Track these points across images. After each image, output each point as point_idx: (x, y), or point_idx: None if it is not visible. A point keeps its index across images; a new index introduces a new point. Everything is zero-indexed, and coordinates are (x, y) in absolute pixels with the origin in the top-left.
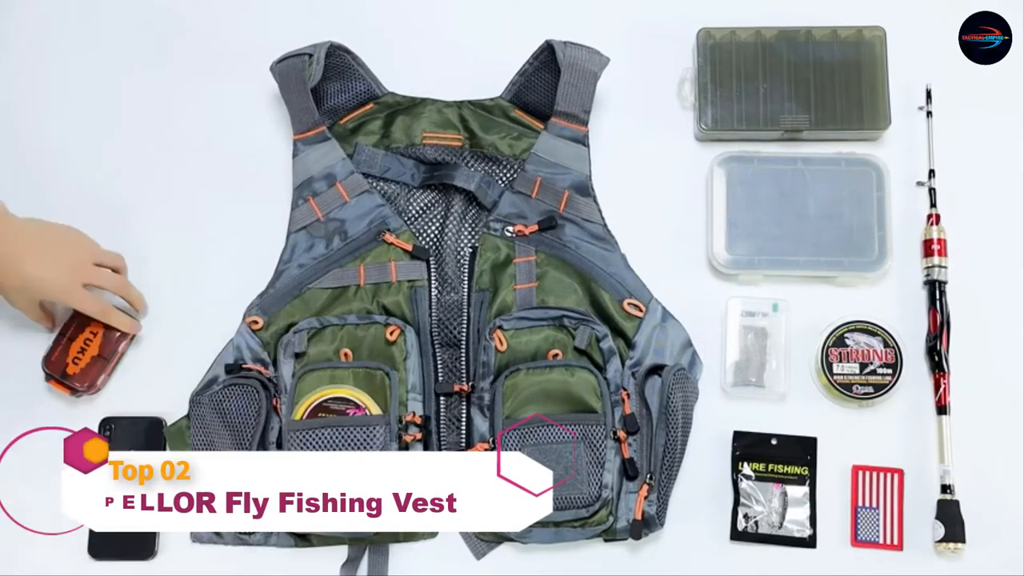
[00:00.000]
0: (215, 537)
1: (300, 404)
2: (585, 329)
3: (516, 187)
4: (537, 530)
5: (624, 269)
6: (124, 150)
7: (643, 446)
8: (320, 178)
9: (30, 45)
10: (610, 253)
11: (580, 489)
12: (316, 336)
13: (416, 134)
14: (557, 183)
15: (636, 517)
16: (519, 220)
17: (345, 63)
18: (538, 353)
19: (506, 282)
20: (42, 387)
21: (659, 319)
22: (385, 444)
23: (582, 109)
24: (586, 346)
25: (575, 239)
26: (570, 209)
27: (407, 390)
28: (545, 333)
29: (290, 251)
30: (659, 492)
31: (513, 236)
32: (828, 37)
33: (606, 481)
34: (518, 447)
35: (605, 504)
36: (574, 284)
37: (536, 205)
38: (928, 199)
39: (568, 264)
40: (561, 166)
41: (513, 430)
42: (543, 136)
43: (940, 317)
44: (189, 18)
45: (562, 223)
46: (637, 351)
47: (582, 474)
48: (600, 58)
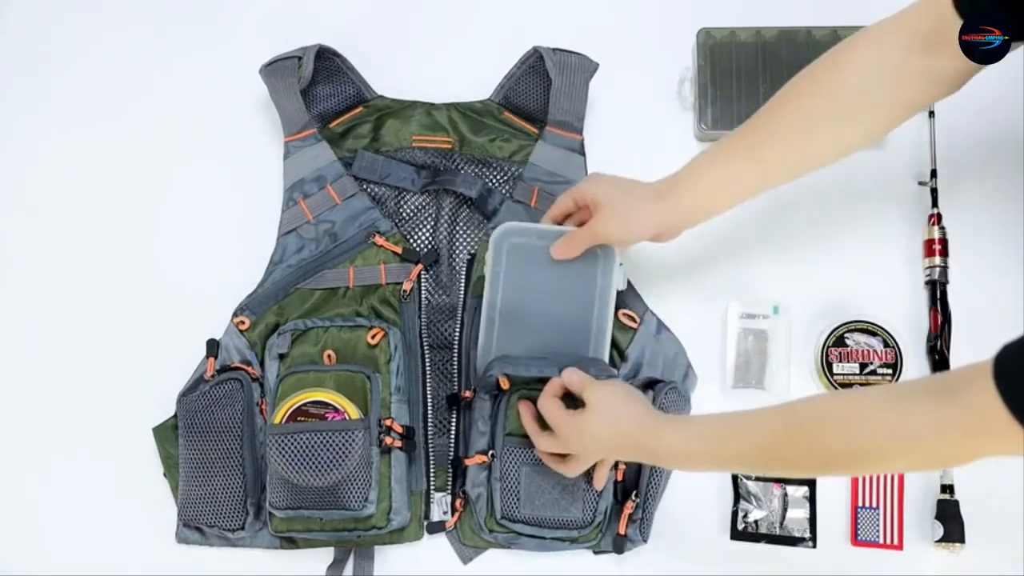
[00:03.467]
0: (200, 538)
1: (280, 407)
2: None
3: (516, 196)
4: (525, 539)
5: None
6: (116, 152)
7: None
8: (311, 180)
9: (23, 48)
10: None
11: (574, 513)
12: (300, 338)
13: (406, 137)
14: (555, 192)
15: (620, 532)
16: None
17: (334, 66)
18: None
19: None
20: None
21: (654, 331)
22: (365, 449)
23: (576, 117)
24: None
25: None
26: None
27: (390, 393)
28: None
29: (280, 252)
30: (644, 509)
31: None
32: (828, 37)
33: (601, 507)
34: (518, 465)
35: (598, 527)
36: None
37: (535, 214)
38: (929, 199)
39: None
40: (558, 175)
41: (516, 448)
42: (540, 145)
43: (940, 317)
44: (179, 21)
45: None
46: (630, 363)
47: (578, 498)
48: (590, 63)
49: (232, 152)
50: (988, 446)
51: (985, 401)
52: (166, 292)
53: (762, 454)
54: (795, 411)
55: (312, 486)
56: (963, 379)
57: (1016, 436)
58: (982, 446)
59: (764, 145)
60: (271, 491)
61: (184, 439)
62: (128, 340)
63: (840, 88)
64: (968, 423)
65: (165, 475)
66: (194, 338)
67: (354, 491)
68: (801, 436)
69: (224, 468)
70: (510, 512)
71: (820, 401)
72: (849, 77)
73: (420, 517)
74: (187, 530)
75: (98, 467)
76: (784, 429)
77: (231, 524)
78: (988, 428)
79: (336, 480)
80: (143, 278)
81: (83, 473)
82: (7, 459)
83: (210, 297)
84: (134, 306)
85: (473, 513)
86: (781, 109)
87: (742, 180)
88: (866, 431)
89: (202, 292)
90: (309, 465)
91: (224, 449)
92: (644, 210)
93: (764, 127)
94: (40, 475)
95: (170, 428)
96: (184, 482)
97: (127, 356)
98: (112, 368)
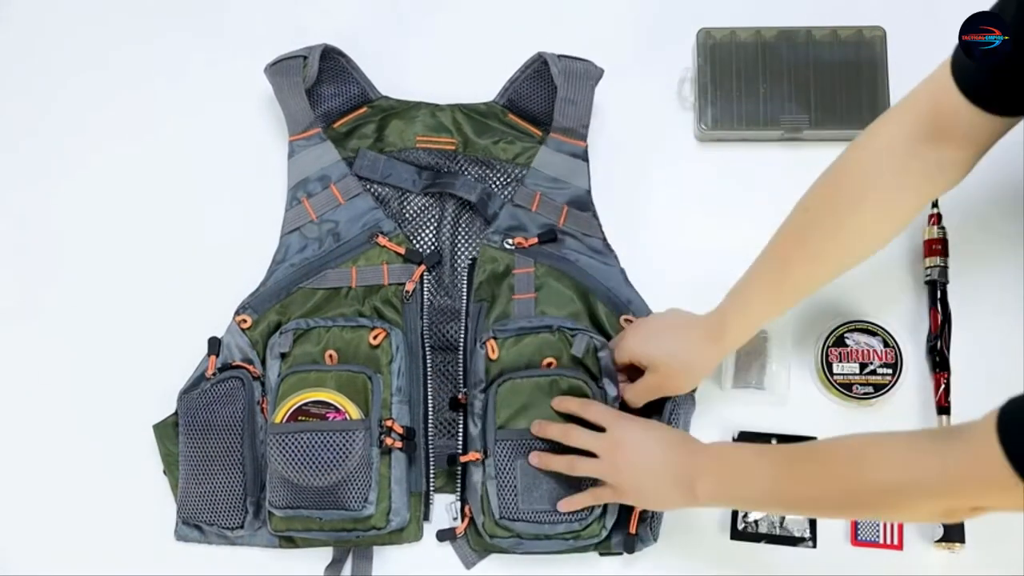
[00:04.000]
0: (199, 536)
1: (281, 407)
2: (583, 337)
3: (516, 200)
4: (528, 542)
5: (623, 284)
6: (120, 150)
7: None
8: (315, 179)
9: (24, 45)
10: (609, 268)
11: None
12: (302, 337)
13: (410, 138)
14: (556, 198)
15: (631, 531)
16: (519, 232)
17: (339, 66)
18: (531, 363)
19: (504, 292)
20: None
21: None
22: (365, 449)
23: (580, 124)
24: (583, 355)
25: (575, 252)
26: (570, 223)
27: (391, 394)
28: (540, 341)
29: (283, 251)
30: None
31: (513, 248)
32: (828, 37)
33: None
34: (512, 458)
35: (597, 519)
36: (572, 296)
37: (536, 218)
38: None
39: (567, 276)
40: (560, 181)
41: (507, 441)
42: (542, 151)
43: (940, 317)
44: (183, 20)
45: (562, 236)
46: None
47: (575, 486)
48: (595, 70)
49: (236, 150)
50: (990, 499)
51: (988, 453)
52: (168, 289)
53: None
54: (816, 450)
55: (312, 486)
56: (970, 430)
57: (1017, 491)
58: (984, 498)
59: (795, 273)
60: (271, 490)
61: (184, 437)
62: (130, 337)
63: (854, 203)
64: (970, 474)
65: (165, 472)
66: (196, 336)
67: (354, 491)
68: (817, 472)
69: (224, 466)
70: (509, 510)
71: (840, 441)
72: (863, 192)
73: (419, 518)
74: (186, 528)
75: (98, 463)
76: (800, 467)
77: (230, 522)
78: (990, 480)
79: (336, 480)
80: (146, 275)
81: (83, 469)
82: (7, 454)
83: (212, 295)
84: (136, 303)
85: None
86: (803, 234)
87: (783, 304)
88: (878, 472)
89: (204, 290)
90: (309, 465)
91: (224, 447)
92: (702, 359)
93: (792, 254)
94: (40, 470)
95: (170, 425)
96: (184, 480)
97: (129, 353)
98: (113, 365)
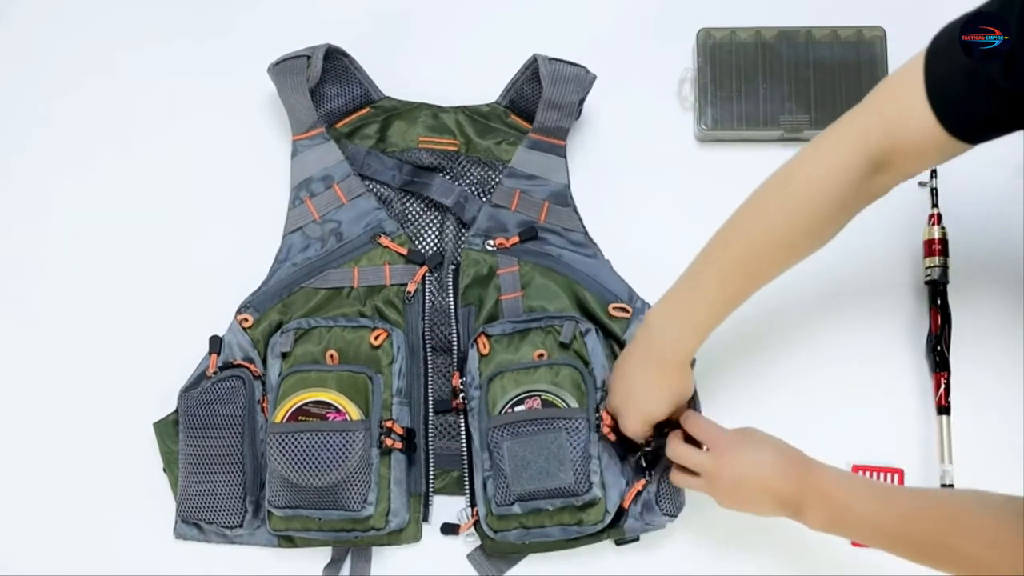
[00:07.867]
0: (198, 534)
1: (282, 406)
2: (570, 324)
3: (495, 201)
4: (534, 530)
5: (609, 274)
6: (124, 149)
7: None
8: (318, 179)
9: (27, 45)
10: (593, 259)
11: (565, 479)
12: (303, 337)
13: (412, 138)
14: (535, 194)
15: (624, 505)
16: (499, 233)
17: (342, 67)
18: (523, 357)
19: (491, 294)
20: None
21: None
22: (365, 450)
23: (560, 127)
24: (570, 340)
25: (557, 248)
26: (551, 219)
27: (392, 394)
28: (529, 336)
29: (285, 251)
30: (658, 483)
31: (495, 249)
32: (828, 37)
33: (594, 469)
34: (499, 445)
35: (595, 502)
36: (559, 290)
37: (515, 217)
38: (929, 199)
39: (552, 271)
40: (539, 177)
41: (501, 427)
42: (520, 150)
43: (940, 317)
44: (188, 21)
45: (544, 234)
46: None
47: (565, 464)
48: (586, 76)
49: (239, 150)
50: None
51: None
52: (170, 287)
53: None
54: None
55: (311, 486)
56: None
57: None
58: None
59: (739, 298)
60: (270, 489)
61: (184, 435)
62: (131, 335)
63: (810, 235)
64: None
65: (165, 470)
66: (197, 334)
67: (353, 492)
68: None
69: (224, 465)
70: (503, 496)
71: (954, 495)
72: (800, 205)
73: (419, 519)
74: (185, 526)
75: (98, 461)
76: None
77: (229, 521)
78: None
79: (335, 480)
80: (147, 273)
81: (83, 466)
82: (7, 452)
83: (214, 294)
84: (138, 301)
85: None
86: (751, 268)
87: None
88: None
89: (206, 288)
90: (309, 465)
91: (224, 446)
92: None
93: (740, 289)
94: (40, 468)
95: (171, 424)
96: (183, 478)
97: (130, 350)
98: (114, 363)
